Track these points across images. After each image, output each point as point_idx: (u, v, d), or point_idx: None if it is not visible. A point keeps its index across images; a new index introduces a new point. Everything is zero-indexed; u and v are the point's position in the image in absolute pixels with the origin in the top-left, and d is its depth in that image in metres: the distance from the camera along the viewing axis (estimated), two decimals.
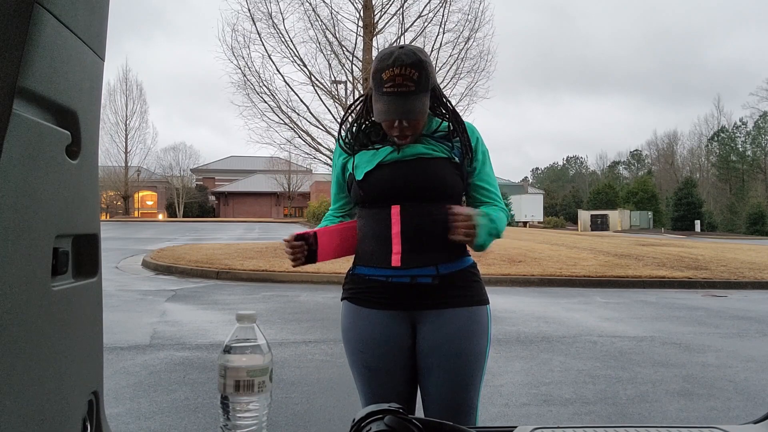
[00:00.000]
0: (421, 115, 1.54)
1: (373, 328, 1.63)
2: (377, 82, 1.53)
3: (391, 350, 1.62)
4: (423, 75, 1.52)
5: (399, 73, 1.49)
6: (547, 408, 3.72)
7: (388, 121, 1.56)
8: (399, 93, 1.50)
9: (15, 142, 0.66)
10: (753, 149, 59.14)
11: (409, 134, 1.58)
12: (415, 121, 1.56)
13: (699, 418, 3.60)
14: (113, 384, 3.96)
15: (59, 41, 0.75)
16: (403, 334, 1.63)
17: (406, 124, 1.55)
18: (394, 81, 1.50)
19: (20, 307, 0.69)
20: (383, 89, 1.51)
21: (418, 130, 1.60)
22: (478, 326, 1.62)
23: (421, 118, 1.56)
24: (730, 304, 8.40)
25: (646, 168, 71.39)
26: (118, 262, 12.28)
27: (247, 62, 13.80)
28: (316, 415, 3.52)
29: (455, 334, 1.59)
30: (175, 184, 52.15)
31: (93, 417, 0.91)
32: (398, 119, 1.53)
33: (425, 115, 1.57)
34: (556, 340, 5.65)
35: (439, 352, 1.59)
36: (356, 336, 1.66)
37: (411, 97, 1.51)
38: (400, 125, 1.55)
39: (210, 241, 19.37)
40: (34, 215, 0.72)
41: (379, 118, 1.54)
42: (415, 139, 1.63)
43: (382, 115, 1.53)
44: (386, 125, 1.58)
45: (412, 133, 1.58)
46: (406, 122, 1.55)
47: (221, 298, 8.12)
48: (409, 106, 1.51)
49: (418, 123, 1.58)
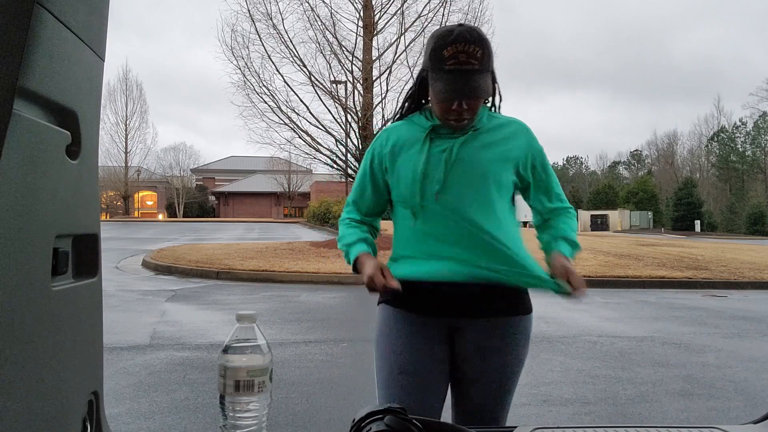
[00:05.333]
0: (485, 95, 1.45)
1: (412, 331, 1.56)
2: (437, 60, 1.43)
3: (428, 356, 1.55)
4: (486, 53, 1.43)
5: (462, 50, 1.40)
6: (547, 408, 3.71)
7: (446, 104, 1.46)
8: (463, 71, 1.41)
9: (15, 142, 0.66)
10: (753, 149, 59.12)
11: (467, 118, 1.49)
12: (476, 103, 1.47)
13: (699, 418, 3.59)
14: (113, 384, 3.95)
15: (59, 41, 0.75)
16: (442, 341, 1.56)
17: (466, 106, 1.45)
18: (457, 58, 1.41)
19: (20, 307, 0.69)
20: (445, 66, 1.41)
21: (475, 113, 1.50)
22: (522, 336, 1.57)
23: (484, 98, 1.47)
24: (730, 304, 8.40)
25: (646, 168, 71.36)
26: (118, 262, 12.27)
27: (246, 62, 13.83)
28: (316, 415, 3.52)
29: (502, 346, 1.54)
30: (175, 184, 52.17)
31: (93, 417, 0.91)
32: (460, 99, 1.43)
33: (487, 97, 1.47)
34: (556, 340, 5.65)
35: (484, 363, 1.54)
36: (393, 339, 1.57)
37: (475, 76, 1.42)
38: (459, 106, 1.45)
39: (210, 241, 19.37)
40: (34, 215, 0.72)
41: (440, 97, 1.44)
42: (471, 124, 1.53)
43: (442, 94, 1.43)
44: (443, 108, 1.48)
45: (470, 117, 1.49)
46: (466, 104, 1.45)
47: (221, 298, 8.12)
48: (473, 84, 1.41)
49: (478, 105, 1.48)
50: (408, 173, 1.53)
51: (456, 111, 1.46)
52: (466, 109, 1.46)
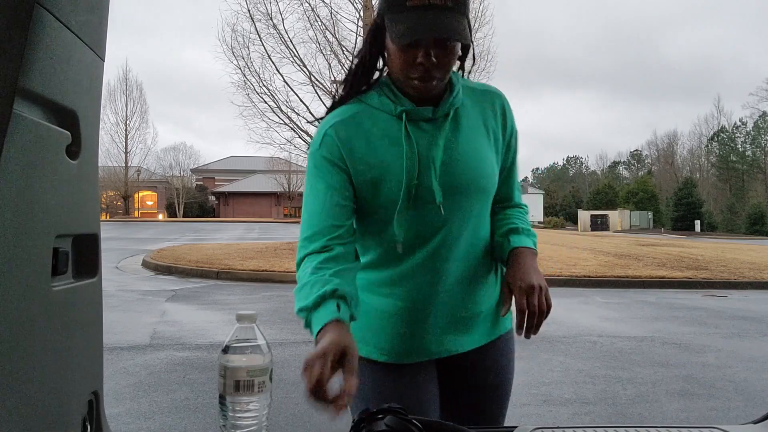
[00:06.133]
0: (461, 39, 1.07)
1: (385, 378, 1.28)
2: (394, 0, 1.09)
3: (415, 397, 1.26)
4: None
5: None
6: (547, 408, 3.71)
7: (408, 53, 1.09)
8: (431, 5, 1.05)
9: (15, 142, 0.66)
10: (753, 149, 59.15)
11: (437, 77, 1.11)
12: (448, 54, 1.10)
13: (699, 418, 3.59)
14: (113, 384, 3.95)
15: (59, 41, 0.75)
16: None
17: (435, 58, 1.08)
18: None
19: (20, 307, 0.69)
20: (406, 3, 1.06)
21: (446, 72, 1.13)
22: (511, 353, 1.37)
23: (457, 46, 1.12)
24: (730, 304, 8.40)
25: (646, 168, 71.38)
26: (118, 262, 12.27)
27: (246, 62, 13.83)
28: (316, 415, 3.52)
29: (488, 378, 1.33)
30: (175, 184, 52.15)
31: (93, 417, 0.91)
32: (427, 44, 1.07)
33: (463, 42, 1.10)
34: (556, 340, 5.65)
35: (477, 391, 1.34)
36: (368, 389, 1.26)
37: (446, 13, 1.05)
38: (426, 56, 1.07)
39: (210, 241, 19.36)
40: (34, 215, 0.72)
41: (401, 42, 1.06)
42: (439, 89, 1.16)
43: (404, 37, 1.06)
44: (404, 61, 1.10)
45: (440, 76, 1.12)
46: (435, 54, 1.08)
47: (221, 298, 8.12)
48: (445, 21, 1.05)
49: (450, 60, 1.11)
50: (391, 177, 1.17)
51: (421, 65, 1.08)
52: (435, 64, 1.09)
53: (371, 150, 1.16)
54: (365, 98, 1.20)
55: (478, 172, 1.20)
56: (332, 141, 1.16)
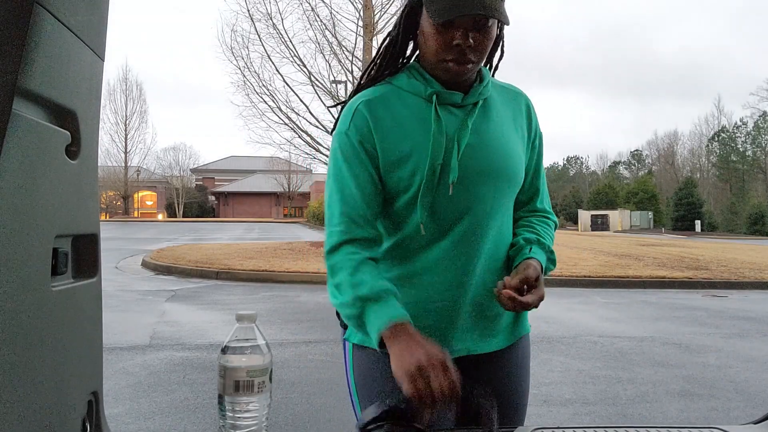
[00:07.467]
0: (504, 19, 1.08)
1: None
2: None
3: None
4: None
5: None
6: (547, 408, 3.71)
7: (446, 33, 1.07)
8: None
9: (15, 142, 0.66)
10: (753, 149, 59.14)
11: (473, 60, 1.10)
12: (488, 34, 1.09)
13: (699, 418, 3.59)
14: (113, 384, 3.95)
15: (59, 41, 0.75)
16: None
17: (472, 40, 1.07)
18: None
19: (20, 307, 0.69)
20: None
21: (482, 57, 1.12)
22: (527, 359, 1.37)
23: (495, 29, 1.11)
24: (731, 304, 8.40)
25: (647, 168, 71.37)
26: (117, 262, 12.27)
27: (246, 62, 13.84)
28: (316, 415, 3.52)
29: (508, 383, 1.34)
30: (174, 184, 52.17)
31: (93, 417, 0.91)
32: (469, 20, 1.05)
33: (505, 22, 1.10)
34: (556, 340, 5.65)
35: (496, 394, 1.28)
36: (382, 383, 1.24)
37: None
38: (464, 37, 1.06)
39: (210, 241, 19.36)
40: (34, 215, 0.72)
41: (444, 16, 1.04)
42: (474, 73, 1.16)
43: (448, 12, 1.04)
44: (441, 41, 1.08)
45: (476, 59, 1.10)
46: (473, 36, 1.07)
47: (221, 298, 8.12)
48: (488, 1, 1.03)
49: (487, 43, 1.10)
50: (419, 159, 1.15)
51: (459, 46, 1.07)
52: (472, 46, 1.07)
53: (400, 129, 1.14)
54: (394, 80, 1.19)
55: (506, 158, 1.17)
56: (362, 117, 1.14)
